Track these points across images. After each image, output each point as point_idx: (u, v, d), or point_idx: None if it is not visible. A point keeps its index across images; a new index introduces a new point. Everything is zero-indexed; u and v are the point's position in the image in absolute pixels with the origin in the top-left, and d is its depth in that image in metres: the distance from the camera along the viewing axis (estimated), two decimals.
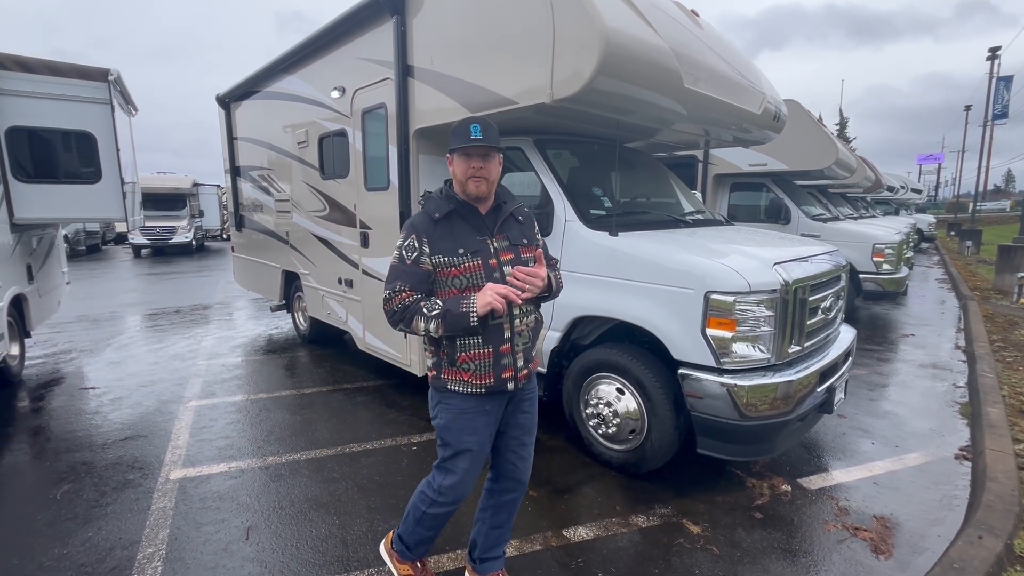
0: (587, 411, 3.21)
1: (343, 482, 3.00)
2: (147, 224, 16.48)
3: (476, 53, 3.17)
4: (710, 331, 2.61)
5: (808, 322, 2.85)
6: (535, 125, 3.51)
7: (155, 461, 3.27)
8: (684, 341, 2.70)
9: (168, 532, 2.56)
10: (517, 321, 1.85)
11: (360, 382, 4.65)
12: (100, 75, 4.90)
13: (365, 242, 4.36)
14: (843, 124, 34.99)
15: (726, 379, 2.60)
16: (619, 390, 3.02)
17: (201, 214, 20.10)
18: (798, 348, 2.81)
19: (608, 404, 3.06)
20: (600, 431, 3.15)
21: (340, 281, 4.79)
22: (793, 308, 2.71)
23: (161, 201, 17.38)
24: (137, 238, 16.96)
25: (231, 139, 6.73)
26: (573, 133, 3.82)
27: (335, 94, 4.45)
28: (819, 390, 2.86)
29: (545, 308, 3.32)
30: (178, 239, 17.26)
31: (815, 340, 2.99)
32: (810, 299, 2.83)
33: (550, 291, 1.95)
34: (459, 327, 1.75)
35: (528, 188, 3.65)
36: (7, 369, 4.64)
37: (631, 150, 4.42)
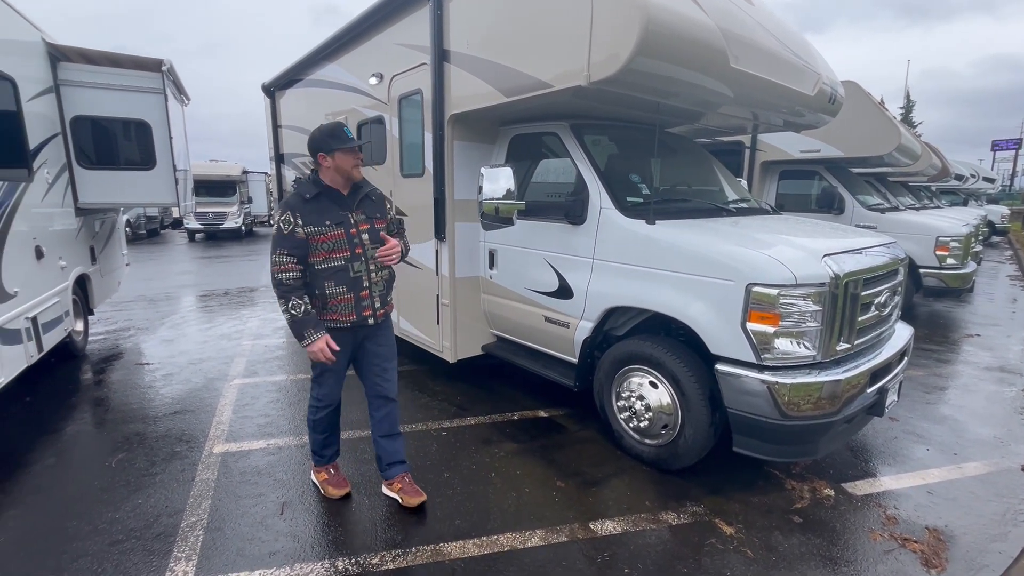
0: (618, 404, 3.14)
1: (374, 464, 3.05)
2: (200, 210, 17.30)
3: (512, 35, 3.10)
4: (751, 325, 2.49)
5: (860, 318, 2.67)
6: (573, 109, 3.41)
7: (200, 435, 3.44)
8: (722, 335, 2.59)
9: (210, 503, 2.68)
10: (374, 274, 2.49)
11: None
12: (155, 65, 5.11)
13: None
14: (908, 108, 32.61)
15: (767, 376, 2.48)
16: (652, 383, 2.94)
17: (250, 200, 20.93)
18: (847, 346, 2.64)
19: (640, 397, 2.97)
20: (631, 424, 3.07)
21: None
22: (843, 303, 2.54)
23: (213, 188, 18.19)
24: (191, 223, 17.84)
25: (275, 127, 6.91)
26: (612, 118, 3.71)
27: (373, 80, 4.48)
28: (869, 391, 2.69)
29: (578, 298, 3.28)
30: (228, 224, 18.04)
31: (866, 338, 2.80)
32: (863, 294, 2.65)
33: (404, 254, 2.62)
34: (296, 335, 2.38)
35: (563, 174, 3.58)
36: (72, 344, 4.98)
37: (672, 135, 4.26)
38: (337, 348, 2.41)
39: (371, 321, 2.51)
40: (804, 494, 2.80)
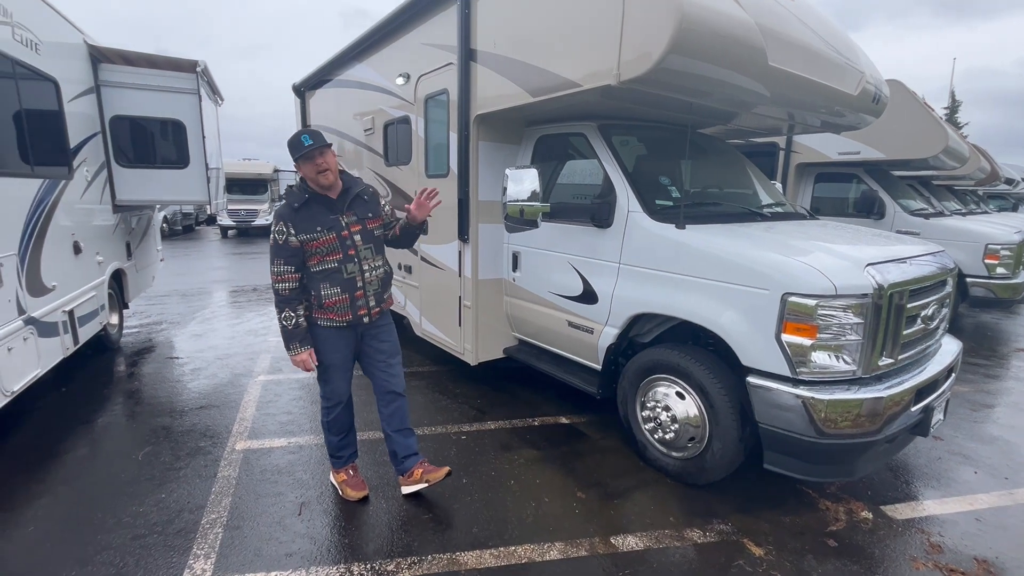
0: (643, 414, 3.04)
1: (392, 467, 3.03)
2: (232, 207, 17.76)
3: (540, 34, 3.03)
4: (786, 337, 2.36)
5: (904, 332, 2.51)
6: (601, 110, 3.33)
7: (224, 431, 3.48)
8: (755, 346, 2.46)
9: (230, 501, 2.70)
10: (367, 274, 2.50)
11: (415, 367, 4.71)
12: (189, 66, 5.24)
13: (424, 228, 4.37)
14: (953, 108, 31.15)
15: (802, 391, 2.35)
16: (679, 394, 2.83)
17: (280, 198, 21.38)
18: (890, 361, 2.48)
19: (666, 408, 2.87)
20: (656, 436, 2.97)
21: (399, 267, 4.87)
22: (887, 315, 2.39)
23: (246, 186, 18.66)
24: (224, 220, 18.32)
25: (305, 127, 7.01)
26: (641, 118, 3.60)
27: (400, 81, 4.47)
28: (914, 410, 2.53)
29: (602, 303, 3.19)
30: (260, 221, 18.43)
31: (911, 352, 2.63)
32: (908, 306, 2.49)
33: (423, 227, 2.74)
34: (284, 343, 2.49)
35: (590, 176, 3.49)
36: (107, 336, 5.14)
37: (704, 136, 4.12)
38: (314, 366, 2.54)
39: (366, 320, 2.55)
40: (839, 516, 2.65)
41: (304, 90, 6.80)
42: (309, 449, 3.25)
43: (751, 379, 2.49)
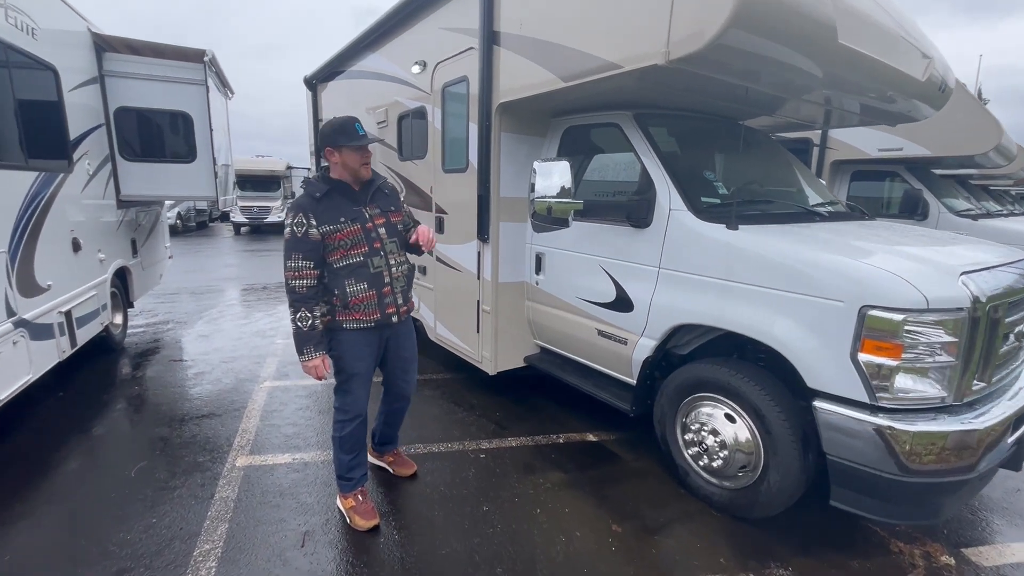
0: (685, 436, 2.72)
1: (405, 491, 2.76)
2: (245, 204, 17.68)
3: (573, 11, 2.72)
4: (863, 356, 2.03)
5: (1000, 351, 2.16)
6: (635, 97, 3.01)
7: (225, 444, 3.22)
8: (824, 366, 2.14)
9: (227, 527, 2.43)
10: (394, 269, 2.37)
11: (428, 374, 4.43)
12: (197, 56, 5.01)
13: (440, 227, 4.10)
14: None
15: (882, 419, 2.02)
16: (728, 416, 2.51)
17: (293, 195, 21.30)
18: (983, 385, 2.14)
19: (713, 432, 2.55)
20: (701, 462, 2.65)
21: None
22: (984, 332, 2.04)
23: (259, 183, 18.57)
24: (237, 217, 18.25)
25: (316, 121, 6.76)
26: (679, 107, 3.27)
27: (416, 69, 4.19)
28: (1008, 441, 2.18)
29: (639, 312, 2.87)
30: (272, 218, 18.35)
31: (1001, 375, 2.29)
32: (1005, 321, 2.14)
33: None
34: (296, 347, 2.27)
35: (624, 171, 3.18)
36: (110, 337, 4.93)
37: (746, 128, 3.77)
38: (327, 373, 2.30)
39: (395, 319, 2.41)
40: (916, 560, 2.31)
41: (316, 82, 6.54)
42: (315, 467, 2.98)
43: (819, 404, 2.16)
